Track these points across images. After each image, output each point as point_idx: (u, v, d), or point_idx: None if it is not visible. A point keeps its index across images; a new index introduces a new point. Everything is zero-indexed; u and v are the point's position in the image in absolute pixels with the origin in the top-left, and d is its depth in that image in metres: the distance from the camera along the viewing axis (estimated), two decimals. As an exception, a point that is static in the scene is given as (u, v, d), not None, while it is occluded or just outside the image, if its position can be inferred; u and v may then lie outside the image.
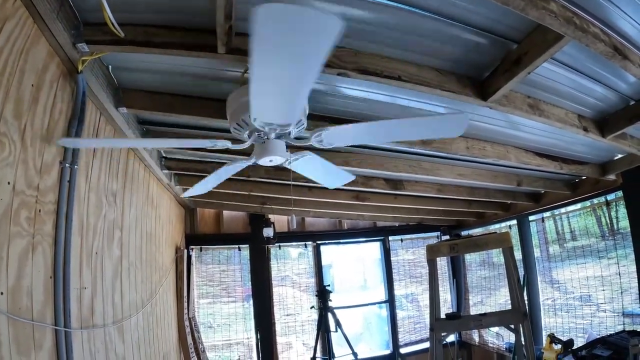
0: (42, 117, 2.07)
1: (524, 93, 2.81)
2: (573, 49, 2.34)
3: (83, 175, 2.59)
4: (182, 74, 2.65)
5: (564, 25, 1.89)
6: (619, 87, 2.89)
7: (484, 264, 7.42)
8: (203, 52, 2.14)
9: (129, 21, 2.07)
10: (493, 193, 5.57)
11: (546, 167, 3.99)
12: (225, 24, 1.91)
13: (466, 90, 2.58)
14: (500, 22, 2.20)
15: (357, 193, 5.59)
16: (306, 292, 7.32)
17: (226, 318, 6.83)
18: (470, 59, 2.48)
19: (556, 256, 6.09)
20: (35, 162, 2.02)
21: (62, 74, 2.23)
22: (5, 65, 1.74)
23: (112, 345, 2.99)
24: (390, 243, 7.86)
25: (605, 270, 5.15)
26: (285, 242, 7.26)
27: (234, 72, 2.59)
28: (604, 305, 5.16)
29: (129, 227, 3.56)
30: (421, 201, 6.05)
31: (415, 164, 4.15)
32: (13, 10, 1.75)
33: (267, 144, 2.24)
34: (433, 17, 2.14)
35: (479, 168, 4.47)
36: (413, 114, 3.11)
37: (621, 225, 4.97)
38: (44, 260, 2.09)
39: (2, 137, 1.74)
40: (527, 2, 1.75)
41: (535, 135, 3.58)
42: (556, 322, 5.87)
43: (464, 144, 3.47)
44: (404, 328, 7.71)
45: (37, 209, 2.04)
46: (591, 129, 3.18)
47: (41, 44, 2.01)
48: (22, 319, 1.85)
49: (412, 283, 8.00)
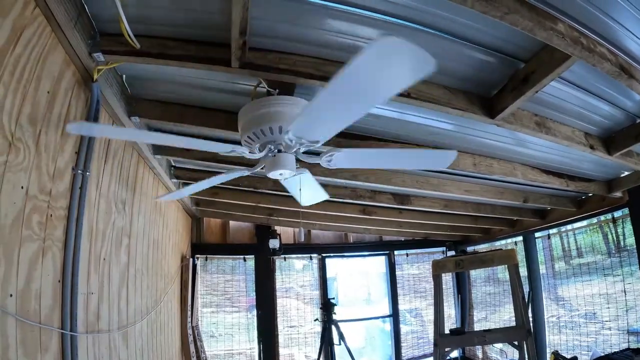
0: (56, 123, 2.11)
1: (531, 111, 2.83)
2: (580, 68, 2.36)
3: (94, 182, 2.63)
4: (193, 85, 2.69)
5: (571, 45, 1.91)
6: (625, 105, 2.91)
7: (489, 280, 7.39)
8: (216, 66, 2.19)
9: (145, 33, 2.12)
10: (499, 209, 5.56)
11: (552, 184, 4.00)
12: (239, 39, 1.95)
13: (474, 108, 2.60)
14: (508, 41, 2.23)
15: (363, 207, 5.60)
16: (310, 304, 7.30)
17: (229, 328, 6.82)
18: (478, 77, 2.51)
19: (562, 273, 6.06)
20: (48, 167, 2.06)
21: (77, 82, 2.27)
22: (23, 71, 1.78)
23: (117, 350, 3.01)
24: (396, 257, 7.83)
25: (611, 288, 5.12)
26: (291, 254, 7.25)
27: (245, 85, 2.63)
28: (609, 322, 5.12)
29: (137, 235, 3.59)
30: (427, 216, 6.05)
31: (422, 180, 4.16)
32: (32, 18, 1.79)
33: (279, 158, 2.26)
34: (442, 36, 2.18)
35: (485, 184, 4.47)
36: (422, 130, 3.14)
37: (627, 243, 4.95)
38: (53, 264, 2.12)
39: (17, 142, 1.77)
40: (536, 23, 1.78)
41: (542, 153, 3.59)
42: (560, 340, 5.82)
43: (471, 160, 3.48)
44: (407, 343, 7.67)
45: (49, 214, 2.07)
46: (597, 146, 3.19)
47: (58, 52, 2.05)
48: (30, 322, 1.87)
49: (417, 298, 7.97)
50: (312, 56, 2.27)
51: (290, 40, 2.20)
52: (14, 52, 1.71)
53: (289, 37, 2.18)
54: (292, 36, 2.18)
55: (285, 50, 2.25)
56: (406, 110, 2.89)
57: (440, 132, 3.20)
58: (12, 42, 1.70)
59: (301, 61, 2.25)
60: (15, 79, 1.74)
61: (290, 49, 2.24)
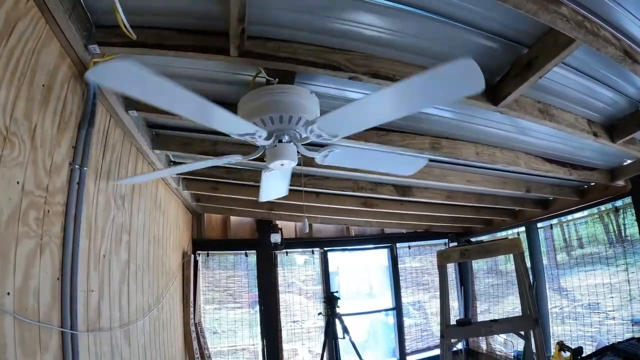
0: (52, 117, 2.08)
1: (534, 98, 2.80)
2: (582, 53, 2.34)
3: (92, 178, 2.59)
4: (192, 77, 2.65)
5: (575, 29, 1.89)
6: (628, 92, 2.89)
7: (491, 271, 7.38)
8: (215, 55, 2.15)
9: (141, 24, 2.08)
10: (502, 200, 5.54)
11: (555, 173, 3.97)
12: (238, 26, 1.92)
13: (477, 95, 2.57)
14: (511, 26, 2.20)
15: (365, 199, 5.57)
16: (312, 298, 7.29)
17: (232, 324, 6.81)
18: (481, 63, 2.44)
19: (564, 263, 6.05)
20: (44, 162, 2.02)
21: (73, 75, 2.24)
22: (17, 64, 1.75)
23: (119, 349, 2.98)
24: (398, 250, 7.81)
25: (614, 278, 5.10)
26: (292, 248, 7.24)
27: (244, 76, 2.59)
28: (612, 312, 5.11)
29: (137, 231, 3.56)
30: (429, 208, 6.03)
31: (425, 170, 4.11)
32: (25, 10, 1.75)
33: (280, 148, 2.23)
34: (445, 22, 2.15)
35: (488, 174, 4.45)
36: (423, 119, 3.12)
37: (630, 232, 4.93)
38: (51, 261, 2.09)
39: (12, 137, 1.74)
40: (539, 5, 1.75)
41: (544, 141, 3.56)
42: (564, 330, 5.81)
43: (474, 149, 3.45)
44: (410, 336, 7.66)
45: (46, 210, 2.04)
46: (601, 134, 3.17)
47: (53, 45, 2.01)
48: (28, 320, 1.84)
49: (420, 291, 7.95)
50: (312, 44, 2.24)
51: (289, 28, 2.17)
52: (8, 45, 1.68)
53: (289, 24, 2.15)
54: (292, 24, 2.14)
55: (285, 38, 2.21)
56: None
57: (442, 121, 3.17)
58: (6, 34, 1.67)
59: (302, 49, 2.22)
60: (9, 72, 1.70)
61: (290, 36, 2.21)
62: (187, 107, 1.83)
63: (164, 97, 1.70)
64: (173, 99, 1.72)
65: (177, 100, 1.75)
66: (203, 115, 1.97)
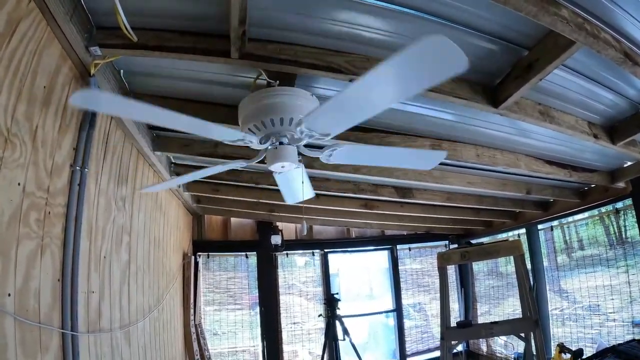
0: (53, 119, 2.08)
1: (535, 100, 2.81)
2: (583, 55, 2.34)
3: (93, 179, 2.60)
4: (192, 79, 2.66)
5: (576, 31, 1.89)
6: (628, 94, 2.90)
7: (492, 273, 7.37)
8: (216, 57, 2.16)
9: (142, 25, 2.08)
10: (502, 201, 5.54)
11: (556, 175, 3.97)
12: (239, 29, 1.92)
13: (478, 97, 2.58)
14: (511, 28, 2.21)
15: (365, 201, 5.57)
16: (313, 300, 7.28)
17: (232, 325, 6.80)
18: (482, 65, 2.48)
19: (564, 265, 6.04)
20: (45, 164, 2.03)
21: (74, 76, 2.24)
22: (19, 65, 1.75)
23: (119, 350, 2.98)
24: (398, 252, 7.80)
25: (615, 279, 5.10)
26: (293, 250, 7.24)
27: (244, 78, 2.59)
28: (613, 314, 5.10)
29: (138, 232, 3.56)
30: (429, 210, 6.02)
31: (425, 172, 4.13)
32: (27, 11, 1.76)
33: (281, 150, 2.23)
34: (444, 24, 2.15)
35: (488, 176, 4.45)
36: (424, 121, 3.12)
37: (630, 234, 4.93)
38: (52, 262, 2.09)
39: (13, 138, 1.74)
40: (540, 8, 1.75)
41: (545, 143, 3.56)
42: (564, 332, 5.81)
43: (474, 151, 3.45)
44: (411, 337, 7.65)
45: (47, 211, 2.04)
46: (601, 135, 3.17)
47: (54, 46, 2.01)
48: (29, 321, 1.84)
49: (420, 292, 7.95)
50: (313, 46, 2.25)
51: (290, 30, 2.17)
52: (9, 46, 1.68)
53: (290, 26, 2.15)
54: (293, 26, 2.15)
55: (286, 40, 2.22)
56: (408, 101, 2.86)
57: (442, 123, 3.17)
58: (7, 35, 1.67)
59: (302, 51, 2.22)
60: (10, 73, 1.71)
61: (291, 39, 2.22)
62: (164, 121, 1.90)
63: (142, 114, 1.75)
64: (148, 115, 1.78)
65: (150, 116, 1.87)
66: (186, 126, 2.06)
